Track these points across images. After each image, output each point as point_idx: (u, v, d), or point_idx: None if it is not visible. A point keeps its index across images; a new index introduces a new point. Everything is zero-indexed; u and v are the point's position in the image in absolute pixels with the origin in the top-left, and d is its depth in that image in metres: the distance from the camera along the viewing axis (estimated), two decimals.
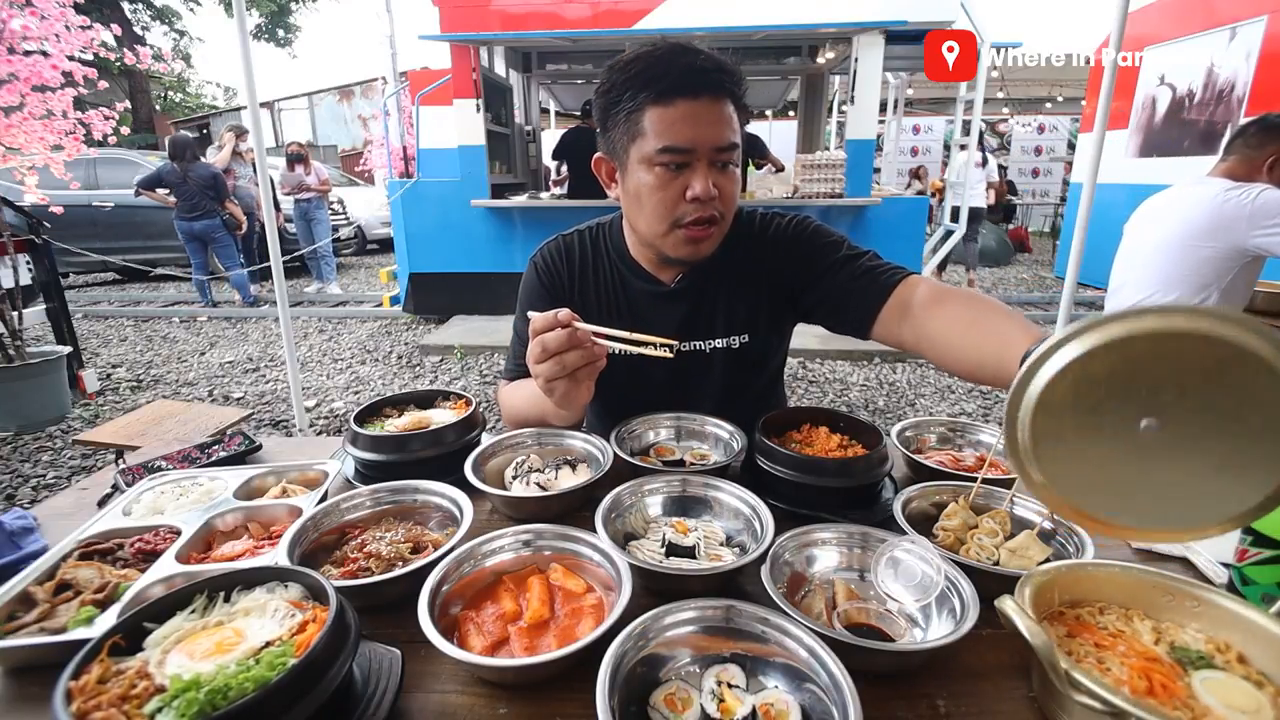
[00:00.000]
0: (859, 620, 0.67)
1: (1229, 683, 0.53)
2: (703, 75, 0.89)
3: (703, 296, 1.11)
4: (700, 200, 0.91)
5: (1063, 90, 12.13)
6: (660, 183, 0.92)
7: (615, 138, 0.96)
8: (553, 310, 0.80)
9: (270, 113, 15.57)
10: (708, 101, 0.89)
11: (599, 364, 0.83)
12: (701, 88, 0.89)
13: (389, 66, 6.58)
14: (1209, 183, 1.78)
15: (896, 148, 8.41)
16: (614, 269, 1.14)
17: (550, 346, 0.79)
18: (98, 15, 4.77)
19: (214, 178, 5.87)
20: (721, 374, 1.13)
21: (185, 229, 5.87)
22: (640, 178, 0.94)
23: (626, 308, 1.13)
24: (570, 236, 1.18)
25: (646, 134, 0.91)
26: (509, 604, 0.66)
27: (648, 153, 0.91)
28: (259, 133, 2.87)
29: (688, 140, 0.89)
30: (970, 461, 1.01)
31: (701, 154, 0.91)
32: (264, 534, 0.82)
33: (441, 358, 4.61)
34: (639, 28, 4.81)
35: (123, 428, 2.21)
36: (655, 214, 0.95)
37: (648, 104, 0.90)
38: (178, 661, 0.49)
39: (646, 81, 0.89)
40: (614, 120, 0.95)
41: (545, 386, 0.83)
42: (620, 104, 0.93)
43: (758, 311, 1.12)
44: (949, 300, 0.89)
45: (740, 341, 1.12)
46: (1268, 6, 4.80)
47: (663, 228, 0.96)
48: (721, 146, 0.91)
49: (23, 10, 3.39)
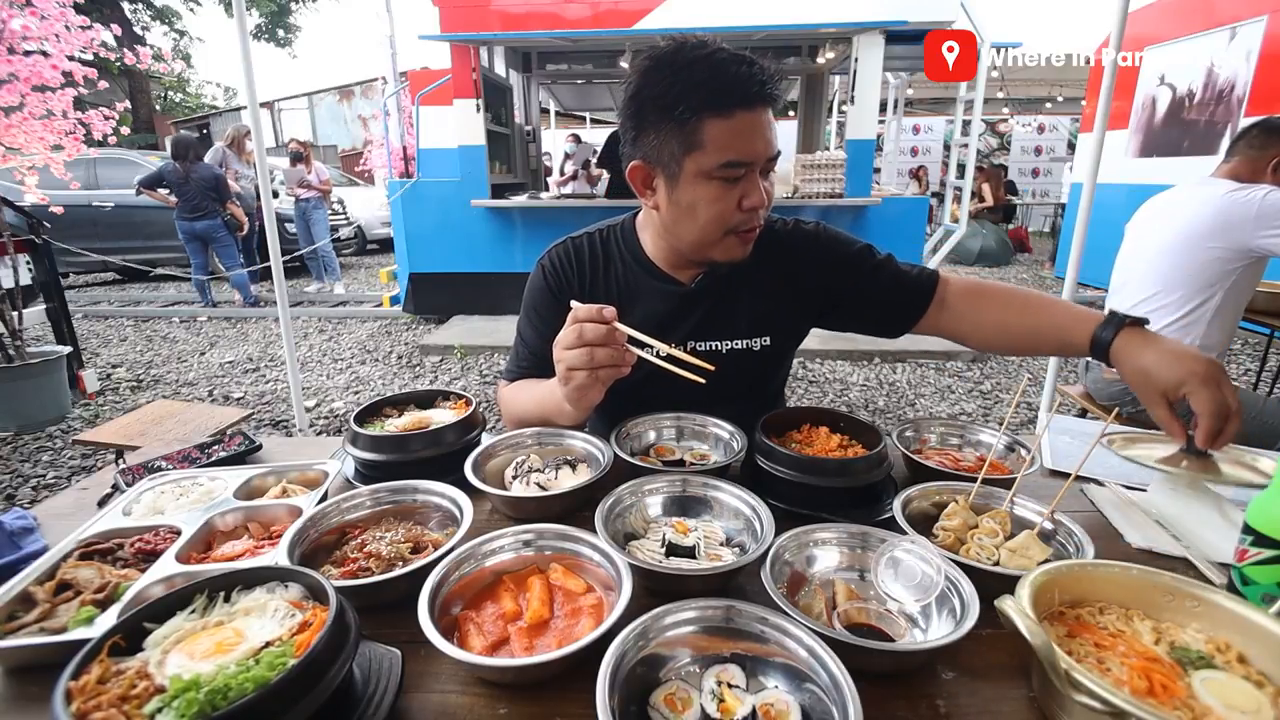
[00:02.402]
0: (859, 620, 0.66)
1: (1229, 683, 0.53)
2: (760, 87, 0.87)
3: (722, 297, 1.10)
4: (756, 210, 0.93)
5: (1063, 90, 12.12)
6: (718, 195, 0.92)
7: (663, 146, 0.91)
8: (600, 305, 0.81)
9: (270, 113, 15.57)
10: (760, 111, 0.89)
11: (623, 370, 0.83)
12: (757, 99, 0.88)
13: (389, 66, 6.58)
14: (1213, 183, 1.78)
15: (896, 148, 8.42)
16: (627, 271, 1.12)
17: (587, 336, 0.80)
18: (98, 15, 4.77)
19: (216, 178, 5.87)
20: (738, 375, 1.12)
21: (187, 229, 5.87)
22: (696, 190, 0.93)
23: (643, 309, 1.10)
24: (579, 239, 1.16)
25: (705, 147, 0.88)
26: (509, 604, 0.66)
27: (707, 166, 0.89)
28: (259, 133, 2.87)
29: (750, 154, 0.89)
30: (970, 461, 1.01)
31: (758, 165, 0.91)
32: (264, 534, 0.82)
33: (441, 358, 4.61)
34: (639, 28, 4.81)
35: (123, 428, 2.21)
36: (711, 224, 0.95)
37: (707, 116, 0.87)
38: (178, 662, 0.49)
39: (708, 92, 0.86)
40: (662, 128, 0.90)
41: (565, 374, 0.83)
42: (672, 111, 0.88)
43: (781, 313, 1.12)
44: (986, 290, 1.07)
45: (762, 343, 1.12)
46: (1268, 6, 4.80)
47: (716, 235, 0.96)
48: (773, 156, 0.93)
49: (23, 10, 3.39)
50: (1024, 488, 0.83)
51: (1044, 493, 0.85)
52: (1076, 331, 0.93)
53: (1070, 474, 0.78)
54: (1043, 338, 1.00)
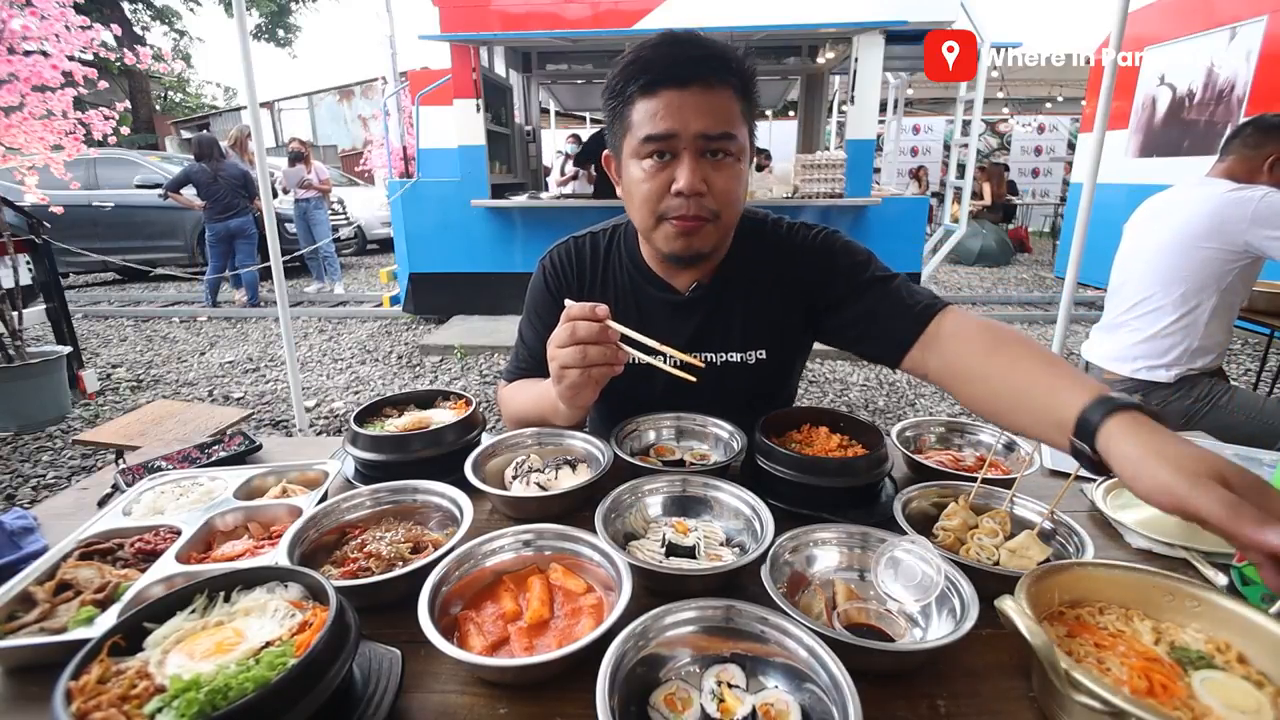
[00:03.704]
0: (859, 620, 0.67)
1: (1229, 683, 0.53)
2: (691, 65, 0.86)
3: (718, 307, 1.07)
4: (685, 194, 0.88)
5: (1063, 90, 12.13)
6: (646, 175, 0.90)
7: (615, 134, 0.95)
8: (593, 303, 0.81)
9: (270, 113, 15.57)
10: (697, 90, 0.86)
11: (615, 369, 0.83)
12: (689, 77, 0.86)
13: (389, 66, 6.57)
14: (1210, 183, 1.78)
15: (896, 148, 8.41)
16: (627, 275, 1.10)
17: (580, 334, 0.80)
18: (98, 15, 4.77)
19: (244, 174, 5.85)
20: (733, 390, 1.08)
21: (219, 229, 5.83)
22: (630, 171, 0.93)
23: (637, 316, 1.08)
24: (582, 239, 1.14)
25: (633, 126, 0.90)
26: (509, 604, 0.66)
27: (634, 145, 0.90)
28: (259, 133, 2.87)
29: (667, 127, 0.86)
30: (970, 461, 1.01)
31: (686, 143, 0.87)
32: (264, 534, 0.82)
33: (441, 358, 4.61)
34: (639, 27, 4.81)
35: (123, 428, 2.20)
36: (643, 207, 0.93)
37: (636, 96, 0.88)
38: (178, 661, 0.49)
39: (634, 73, 0.88)
40: (613, 118, 0.94)
41: (558, 373, 0.83)
42: (614, 100, 0.92)
43: (778, 327, 1.08)
44: (988, 339, 0.83)
45: (757, 357, 1.08)
46: (1268, 6, 4.80)
47: (651, 221, 0.94)
48: (709, 135, 0.86)
49: (23, 10, 3.39)
50: (1024, 488, 0.83)
51: (1044, 493, 0.85)
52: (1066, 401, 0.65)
53: (1070, 474, 0.77)
54: (1024, 402, 0.73)
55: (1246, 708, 0.51)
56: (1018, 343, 0.80)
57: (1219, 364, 1.86)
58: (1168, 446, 0.54)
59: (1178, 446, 0.54)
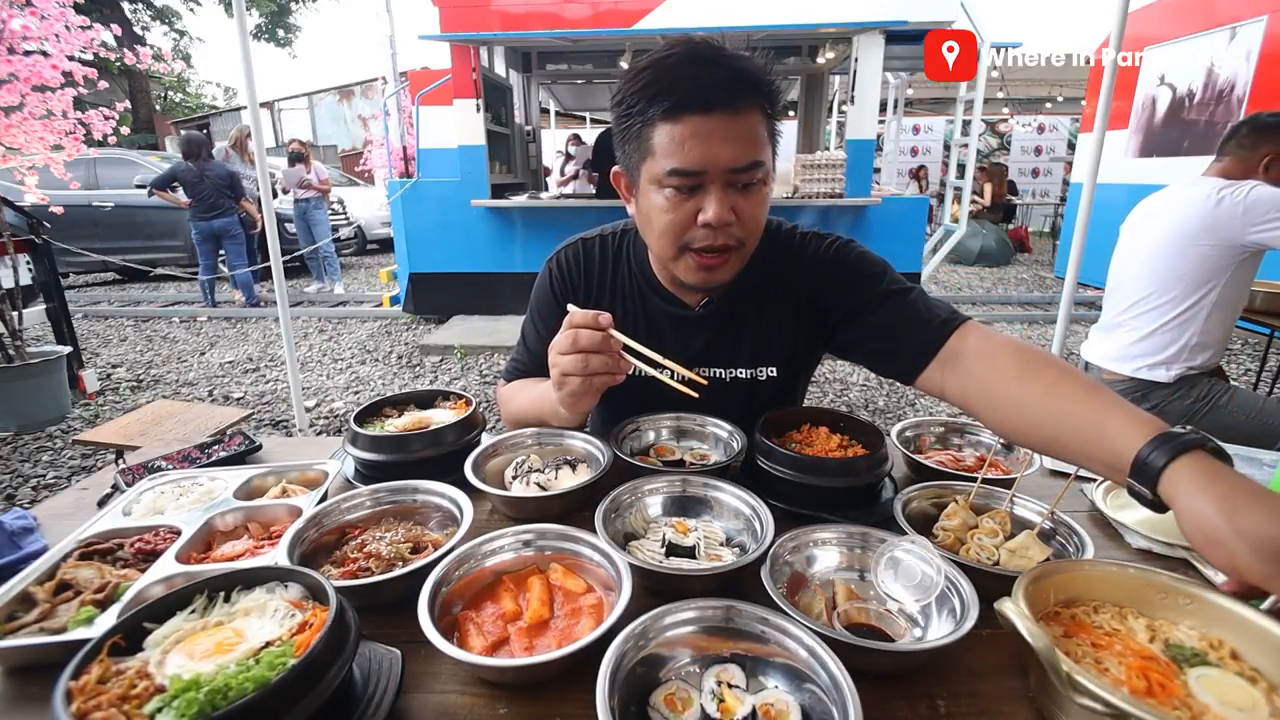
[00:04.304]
0: (859, 620, 0.67)
1: (1224, 679, 0.53)
2: (716, 89, 0.80)
3: (728, 322, 1.04)
4: (713, 226, 0.84)
5: (1063, 90, 12.13)
6: (669, 205, 0.85)
7: (628, 153, 0.90)
8: (596, 311, 0.80)
9: (270, 113, 15.57)
10: (723, 117, 0.80)
11: (617, 379, 0.82)
12: (715, 101, 0.80)
13: (389, 66, 6.58)
14: (1203, 182, 1.78)
15: (896, 148, 8.42)
16: (636, 286, 1.07)
17: (582, 342, 0.79)
18: (98, 15, 4.77)
19: (231, 175, 5.87)
20: (740, 406, 1.05)
21: (203, 228, 5.85)
22: (650, 199, 0.87)
23: (645, 327, 1.06)
24: (591, 242, 1.11)
25: (655, 153, 0.84)
26: (509, 604, 0.66)
27: (656, 174, 0.84)
28: (259, 133, 2.87)
29: (697, 162, 0.81)
30: (970, 461, 1.01)
31: (715, 175, 0.82)
32: (264, 534, 0.82)
33: (441, 358, 4.61)
34: (639, 28, 4.81)
35: (123, 428, 2.21)
36: (665, 237, 0.89)
37: (657, 120, 0.82)
38: (178, 662, 0.49)
39: (654, 95, 0.82)
40: (626, 135, 0.88)
41: (559, 379, 0.83)
42: (630, 118, 0.86)
43: (790, 342, 1.05)
44: (1017, 360, 0.77)
45: (768, 374, 1.06)
46: (1268, 6, 4.80)
47: (672, 251, 0.90)
48: (738, 168, 0.82)
49: (23, 10, 3.40)
50: (1024, 488, 0.83)
51: (1044, 493, 0.85)
52: (1118, 437, 0.62)
53: (1070, 474, 0.77)
54: (1068, 430, 0.69)
55: (1242, 704, 0.51)
56: (1050, 365, 0.75)
57: (1218, 362, 1.86)
58: (1240, 510, 0.51)
59: (1253, 511, 0.51)
